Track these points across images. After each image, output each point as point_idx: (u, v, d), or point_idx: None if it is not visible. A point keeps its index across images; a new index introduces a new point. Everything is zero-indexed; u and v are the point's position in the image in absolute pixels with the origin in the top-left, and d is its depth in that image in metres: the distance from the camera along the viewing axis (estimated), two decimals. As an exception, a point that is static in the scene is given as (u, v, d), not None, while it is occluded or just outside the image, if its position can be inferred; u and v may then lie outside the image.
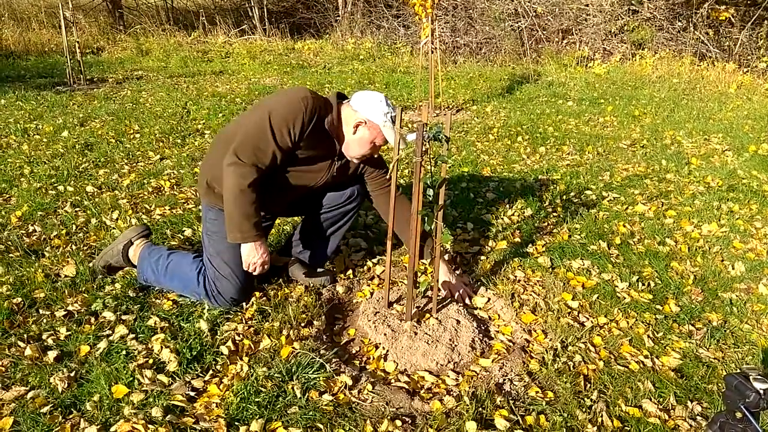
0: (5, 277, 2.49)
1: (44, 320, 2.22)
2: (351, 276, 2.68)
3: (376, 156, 2.41)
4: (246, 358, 2.05)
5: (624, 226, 3.15)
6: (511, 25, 9.90)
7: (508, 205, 3.43)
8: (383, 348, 2.16)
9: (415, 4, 5.59)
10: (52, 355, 2.01)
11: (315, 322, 2.29)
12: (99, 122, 5.09)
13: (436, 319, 2.28)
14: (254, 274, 2.28)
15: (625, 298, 2.49)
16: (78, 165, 3.93)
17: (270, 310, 2.32)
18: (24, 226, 3.01)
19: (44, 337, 2.12)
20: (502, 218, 3.26)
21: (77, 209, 3.24)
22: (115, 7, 12.12)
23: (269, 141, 2.11)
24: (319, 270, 2.63)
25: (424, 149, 2.03)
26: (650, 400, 1.91)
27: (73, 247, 2.79)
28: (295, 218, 2.98)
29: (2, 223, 3.02)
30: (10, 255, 2.69)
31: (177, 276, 2.34)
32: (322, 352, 2.07)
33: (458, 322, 2.27)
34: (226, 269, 2.26)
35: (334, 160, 2.32)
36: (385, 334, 2.21)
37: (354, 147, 2.26)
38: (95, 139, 4.57)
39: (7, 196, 3.42)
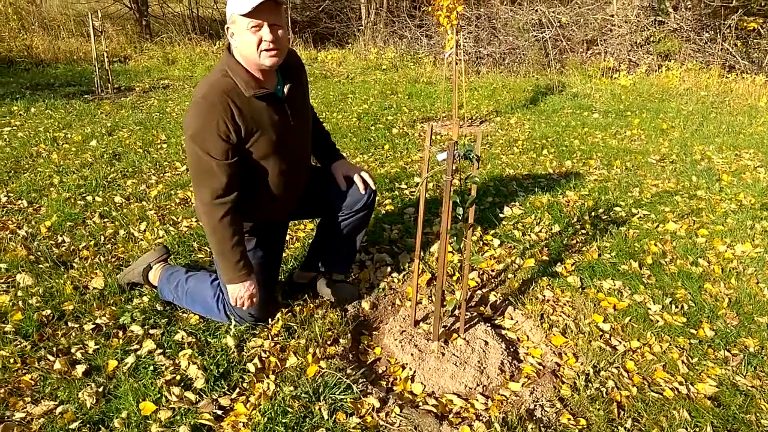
0: (35, 289, 2.51)
1: (73, 333, 2.23)
2: (377, 292, 2.66)
3: (281, 38, 1.91)
4: (272, 376, 2.03)
5: (655, 245, 3.08)
6: (535, 36, 9.84)
7: (535, 221, 3.39)
8: (410, 369, 2.13)
9: (439, 16, 5.57)
10: (80, 369, 2.02)
11: (341, 340, 2.27)
12: (127, 131, 5.15)
13: (464, 339, 2.25)
14: (244, 308, 2.18)
15: (658, 321, 2.43)
16: (106, 175, 3.97)
17: (296, 327, 2.30)
18: (53, 237, 3.05)
19: (73, 350, 2.13)
20: (530, 235, 3.22)
21: (105, 220, 3.27)
22: (142, 16, 12.32)
23: (209, 163, 1.93)
24: (344, 285, 2.61)
25: (454, 168, 2.01)
26: (686, 429, 1.85)
27: (102, 259, 2.81)
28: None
29: (32, 234, 3.06)
30: (40, 266, 2.72)
31: (198, 302, 2.33)
32: (348, 371, 2.05)
33: (486, 343, 2.23)
34: None
35: (280, 100, 2.06)
36: (411, 354, 2.18)
37: (248, 51, 1.90)
38: (123, 148, 4.62)
39: (37, 205, 3.46)
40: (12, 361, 2.06)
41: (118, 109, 6.10)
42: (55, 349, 2.13)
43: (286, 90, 2.08)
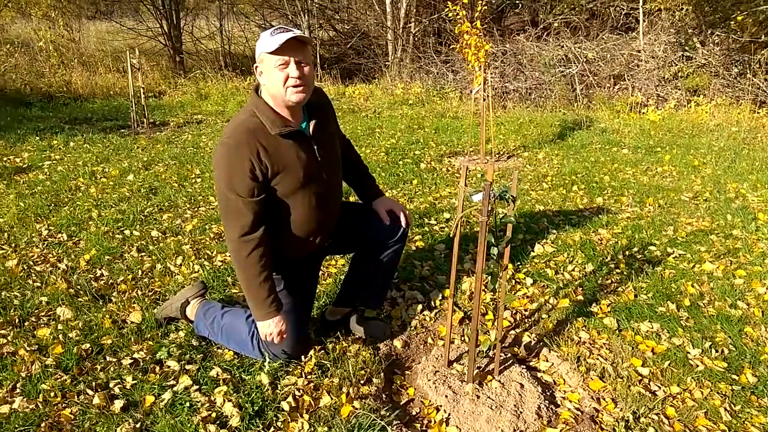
0: (75, 322, 2.57)
1: (111, 368, 2.27)
2: (409, 330, 2.65)
3: (306, 75, 1.98)
4: (306, 416, 2.03)
5: (692, 286, 3.02)
6: (562, 71, 9.89)
7: (567, 260, 3.36)
8: (445, 411, 2.11)
9: (467, 54, 5.66)
10: (118, 404, 2.05)
11: (374, 380, 2.26)
12: (162, 166, 5.29)
13: (499, 381, 2.22)
14: (275, 343, 2.18)
15: (698, 365, 2.37)
16: (143, 209, 4.07)
17: (329, 365, 2.30)
18: (92, 270, 3.12)
19: (111, 385, 2.16)
20: (563, 273, 3.19)
21: (143, 254, 3.34)
22: (177, 53, 12.75)
23: (236, 201, 1.98)
24: (376, 322, 2.62)
25: (489, 208, 2.02)
26: (733, 482, 1.79)
27: (139, 293, 2.86)
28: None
29: (72, 267, 3.14)
30: (79, 299, 2.78)
31: (232, 339, 2.36)
32: (383, 413, 2.04)
33: (522, 386, 2.20)
34: None
35: (306, 137, 2.11)
36: (446, 396, 2.16)
37: (276, 89, 1.97)
38: (159, 183, 4.74)
39: (77, 239, 3.56)
40: (53, 394, 2.10)
41: (153, 143, 6.27)
42: (94, 383, 2.16)
43: (311, 126, 2.13)
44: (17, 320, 2.59)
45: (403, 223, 2.42)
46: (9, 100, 8.68)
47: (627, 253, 3.45)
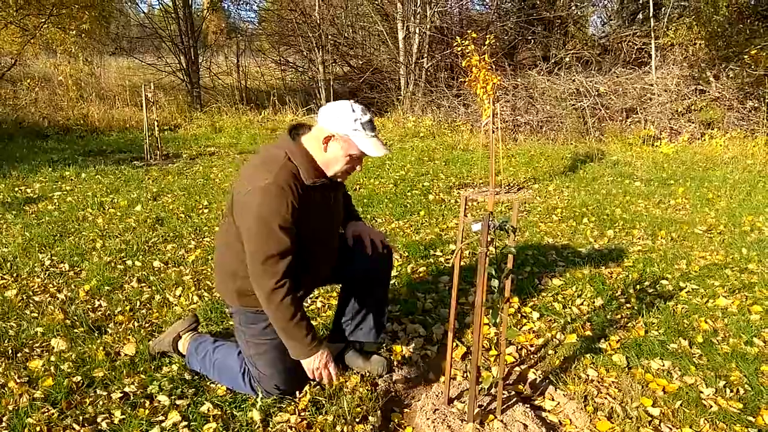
0: (68, 354, 2.52)
1: (100, 402, 2.20)
2: (409, 365, 2.56)
3: (358, 169, 2.15)
4: (298, 455, 1.94)
5: (706, 322, 2.90)
6: (573, 105, 9.89)
7: (576, 293, 3.26)
8: (443, 452, 2.01)
9: (476, 87, 5.67)
10: (104, 440, 1.98)
11: (370, 418, 2.17)
12: (171, 197, 5.31)
13: (501, 421, 2.11)
14: (323, 380, 2.19)
15: (711, 406, 2.24)
16: (148, 239, 4.06)
17: (324, 401, 2.22)
18: (91, 301, 3.09)
19: (99, 420, 2.10)
20: (571, 308, 3.09)
21: (143, 284, 3.31)
22: (194, 88, 12.99)
23: (278, 248, 1.97)
24: (375, 357, 2.53)
25: (489, 239, 1.96)
26: None
27: (135, 324, 2.82)
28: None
29: (71, 297, 3.11)
30: (75, 330, 2.74)
31: (224, 374, 2.31)
32: (377, 453, 1.95)
33: (525, 426, 2.09)
34: (268, 370, 2.19)
35: (329, 187, 2.15)
36: (444, 436, 2.06)
37: (332, 165, 2.07)
38: (166, 213, 4.74)
39: (78, 269, 3.54)
40: (38, 429, 2.03)
41: (164, 175, 6.32)
42: (81, 417, 2.10)
43: (330, 184, 2.17)
44: (10, 351, 2.55)
45: (380, 247, 2.39)
46: (27, 132, 8.86)
47: (638, 287, 3.34)
